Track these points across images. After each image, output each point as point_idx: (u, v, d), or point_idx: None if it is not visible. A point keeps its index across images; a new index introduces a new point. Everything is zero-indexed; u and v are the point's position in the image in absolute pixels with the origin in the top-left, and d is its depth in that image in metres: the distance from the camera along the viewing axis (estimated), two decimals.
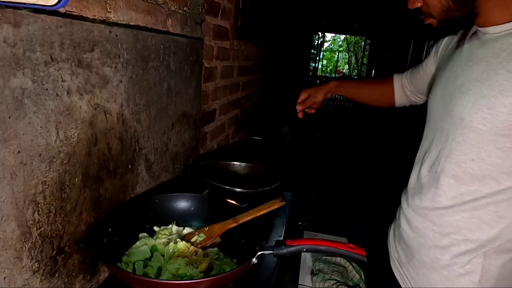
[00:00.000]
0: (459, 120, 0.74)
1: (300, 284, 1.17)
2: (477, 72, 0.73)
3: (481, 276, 0.76)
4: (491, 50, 0.72)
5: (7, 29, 0.52)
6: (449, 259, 0.79)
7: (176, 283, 0.65)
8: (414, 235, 0.87)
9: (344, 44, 17.21)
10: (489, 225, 0.74)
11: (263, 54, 2.85)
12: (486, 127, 0.70)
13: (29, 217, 0.59)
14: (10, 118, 0.54)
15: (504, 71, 0.67)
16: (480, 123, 0.70)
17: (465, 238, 0.77)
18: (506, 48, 0.69)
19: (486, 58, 0.72)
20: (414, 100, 1.14)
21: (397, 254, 0.94)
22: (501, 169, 0.71)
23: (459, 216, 0.77)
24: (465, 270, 0.77)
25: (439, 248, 0.80)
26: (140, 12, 0.92)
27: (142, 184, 0.99)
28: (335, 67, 17.78)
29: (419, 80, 1.06)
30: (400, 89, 1.15)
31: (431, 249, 0.82)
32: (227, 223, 0.85)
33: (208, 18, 1.44)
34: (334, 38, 17.76)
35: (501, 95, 0.67)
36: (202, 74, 1.40)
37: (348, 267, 1.27)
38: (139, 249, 0.80)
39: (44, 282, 0.64)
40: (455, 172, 0.76)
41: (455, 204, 0.77)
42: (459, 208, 0.77)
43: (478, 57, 0.75)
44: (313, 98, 1.19)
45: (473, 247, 0.76)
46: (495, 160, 0.71)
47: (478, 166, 0.73)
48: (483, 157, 0.72)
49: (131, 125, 0.89)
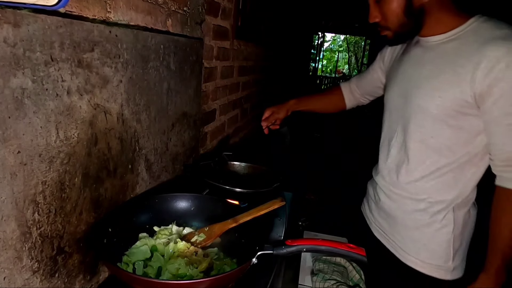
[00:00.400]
0: (418, 108, 0.95)
1: (300, 284, 1.16)
2: (427, 71, 0.94)
3: (453, 226, 0.98)
4: (434, 54, 0.94)
5: (7, 29, 0.52)
6: (428, 219, 1.00)
7: (176, 283, 0.65)
8: (395, 205, 1.06)
9: (344, 44, 17.21)
10: (451, 187, 0.96)
11: (263, 54, 2.85)
12: (439, 111, 0.91)
13: (29, 217, 0.59)
14: (10, 118, 0.54)
15: (449, 69, 0.89)
16: (434, 109, 0.91)
17: (436, 200, 0.98)
18: (447, 52, 0.91)
19: (432, 60, 0.94)
20: (362, 101, 1.40)
21: (378, 224, 1.14)
22: (452, 142, 0.93)
23: (428, 184, 0.98)
24: (441, 224, 0.98)
25: (418, 212, 1.01)
26: (140, 12, 0.92)
27: (142, 184, 0.99)
28: (335, 67, 17.78)
29: (367, 83, 1.31)
30: (349, 94, 1.39)
31: (412, 213, 1.02)
32: (227, 223, 0.85)
33: (208, 18, 1.44)
34: (334, 38, 17.77)
35: (448, 86, 0.89)
36: (202, 74, 1.40)
37: (348, 267, 1.26)
38: (139, 249, 0.80)
39: (44, 282, 0.64)
40: (420, 148, 0.98)
41: (425, 175, 0.98)
42: (428, 177, 0.98)
43: (425, 59, 0.96)
44: (276, 114, 1.34)
45: (444, 206, 0.98)
46: (447, 135, 0.93)
47: (436, 140, 0.94)
48: (439, 134, 0.93)
49: (131, 125, 0.89)
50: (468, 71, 0.85)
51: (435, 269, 1.00)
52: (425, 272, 1.01)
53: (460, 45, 0.89)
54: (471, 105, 0.87)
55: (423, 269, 1.01)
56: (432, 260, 1.00)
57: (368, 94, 1.34)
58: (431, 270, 1.00)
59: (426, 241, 1.00)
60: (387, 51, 1.20)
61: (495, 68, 0.81)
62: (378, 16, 0.96)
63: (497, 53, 0.81)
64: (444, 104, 0.89)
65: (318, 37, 10.10)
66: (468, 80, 0.85)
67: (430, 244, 1.00)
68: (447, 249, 0.98)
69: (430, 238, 1.00)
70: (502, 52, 0.80)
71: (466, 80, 0.85)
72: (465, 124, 0.90)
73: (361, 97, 1.37)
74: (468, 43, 0.87)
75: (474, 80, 0.84)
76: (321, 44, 12.09)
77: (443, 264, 0.99)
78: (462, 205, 0.98)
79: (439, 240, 0.99)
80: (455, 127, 0.91)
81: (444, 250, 0.99)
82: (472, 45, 0.86)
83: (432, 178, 0.97)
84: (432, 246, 1.00)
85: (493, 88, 0.82)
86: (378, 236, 1.14)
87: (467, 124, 0.90)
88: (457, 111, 0.89)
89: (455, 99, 0.88)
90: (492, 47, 0.82)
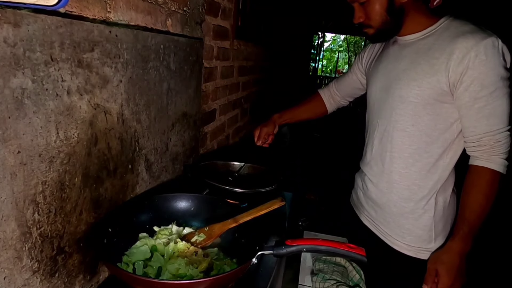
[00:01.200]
0: (399, 98, 1.04)
1: (300, 284, 1.16)
2: (405, 64, 1.04)
3: (434, 212, 1.06)
4: (411, 50, 1.04)
5: (7, 29, 0.52)
6: (413, 205, 1.08)
7: (176, 283, 0.65)
8: (381, 194, 1.14)
9: (344, 44, 17.20)
10: (431, 173, 1.05)
11: (263, 54, 2.85)
12: (418, 100, 1.00)
13: (29, 217, 0.59)
14: (10, 118, 0.54)
15: (424, 62, 0.99)
16: (414, 98, 1.01)
17: (419, 186, 1.06)
18: (421, 47, 1.02)
19: (409, 55, 1.04)
20: (343, 103, 1.48)
21: (367, 212, 1.22)
22: (432, 128, 1.01)
23: (411, 171, 1.06)
24: (424, 210, 1.07)
25: (403, 199, 1.09)
26: (140, 12, 0.92)
27: (142, 184, 0.99)
28: (335, 67, 17.77)
29: (347, 86, 1.40)
30: (330, 98, 1.47)
31: (397, 201, 1.10)
32: (227, 223, 0.85)
33: (208, 18, 1.44)
34: (334, 38, 17.75)
35: (425, 77, 0.98)
36: (202, 74, 1.40)
37: (348, 267, 1.26)
38: (139, 249, 0.80)
39: (44, 282, 0.64)
40: (402, 136, 1.06)
41: (409, 163, 1.06)
42: (412, 165, 1.06)
43: (402, 55, 1.06)
44: (265, 129, 1.37)
45: (426, 192, 1.06)
46: (427, 123, 1.01)
47: (416, 128, 1.03)
48: (419, 121, 1.02)
49: (131, 125, 0.89)
50: (442, 62, 0.95)
51: (419, 251, 1.09)
52: (410, 254, 1.10)
53: (434, 41, 0.99)
54: (447, 93, 0.96)
55: (408, 252, 1.10)
56: (416, 244, 1.09)
57: (348, 95, 1.44)
58: (416, 253, 1.09)
59: (410, 226, 1.09)
60: (364, 54, 1.31)
61: (466, 57, 0.91)
62: (362, 17, 1.05)
63: (467, 44, 0.91)
64: (422, 93, 0.99)
65: (318, 37, 10.08)
66: (443, 70, 0.94)
67: (414, 229, 1.08)
68: (430, 232, 1.07)
69: (414, 223, 1.08)
70: (471, 44, 0.90)
71: (441, 70, 0.95)
72: (442, 112, 0.99)
73: (342, 99, 1.46)
74: (441, 38, 0.98)
75: (448, 69, 0.94)
76: (321, 44, 12.07)
77: (426, 246, 1.08)
78: (442, 191, 1.07)
79: (422, 224, 1.07)
80: (433, 115, 1.00)
81: (427, 233, 1.07)
82: (445, 40, 0.96)
83: (413, 164, 1.05)
84: (416, 231, 1.08)
85: (464, 75, 0.92)
86: (367, 224, 1.22)
87: (443, 111, 0.99)
88: (435, 99, 0.98)
89: (433, 87, 0.97)
90: (462, 40, 0.92)
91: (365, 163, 1.21)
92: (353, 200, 1.32)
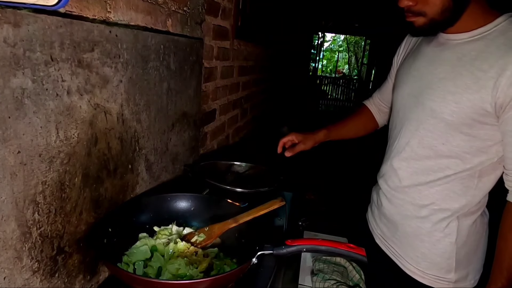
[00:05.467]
0: (429, 111, 0.87)
1: (300, 284, 1.17)
2: (443, 72, 0.86)
3: (457, 236, 0.91)
4: (453, 54, 0.85)
5: (7, 29, 0.52)
6: (430, 227, 0.93)
7: (176, 283, 0.65)
8: (396, 210, 1.00)
9: (344, 44, 17.21)
10: (458, 195, 0.89)
11: (263, 54, 2.85)
12: (454, 118, 0.83)
13: (29, 217, 0.59)
14: (10, 118, 0.54)
15: (468, 72, 0.81)
16: (449, 115, 0.83)
17: (440, 208, 0.91)
18: (466, 53, 0.82)
19: (449, 61, 0.86)
20: None
21: (380, 231, 1.07)
22: (464, 150, 0.85)
23: (434, 190, 0.91)
24: (444, 234, 0.91)
25: (419, 219, 0.94)
26: (140, 12, 0.92)
27: (142, 184, 0.99)
28: (335, 67, 17.78)
29: (390, 93, 1.15)
30: (377, 111, 1.26)
31: (413, 220, 0.96)
32: (227, 223, 0.85)
33: (208, 18, 1.44)
34: (334, 38, 17.77)
35: (466, 92, 0.80)
36: (202, 74, 1.40)
37: (348, 267, 1.27)
38: (139, 249, 0.80)
39: (44, 282, 0.64)
40: (428, 154, 0.90)
41: (430, 180, 0.91)
42: (434, 183, 0.90)
43: (441, 59, 0.88)
44: (302, 145, 1.16)
45: (448, 214, 0.90)
46: (459, 143, 0.85)
47: (447, 148, 0.87)
48: (450, 141, 0.86)
49: (131, 125, 0.89)
50: (491, 77, 0.76)
51: (436, 280, 0.94)
52: (425, 282, 0.95)
53: (484, 47, 0.80)
54: (490, 114, 0.79)
55: (423, 280, 0.95)
56: (432, 271, 0.94)
57: None
58: (432, 282, 0.94)
59: (426, 250, 0.94)
60: (399, 52, 1.11)
61: None
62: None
63: None
64: (459, 110, 0.81)
65: (318, 37, 10.09)
66: (490, 87, 0.77)
67: (431, 254, 0.94)
68: (449, 260, 0.92)
69: (430, 248, 0.93)
70: None
71: (488, 87, 0.77)
72: (481, 133, 0.83)
73: (388, 109, 1.21)
74: (494, 45, 0.78)
75: (497, 88, 0.76)
76: (321, 44, 12.09)
77: (444, 275, 0.93)
78: (469, 214, 0.90)
79: (440, 250, 0.92)
80: (470, 136, 0.83)
81: (445, 261, 0.92)
82: (499, 48, 0.77)
83: (439, 184, 0.90)
84: (432, 256, 0.93)
85: None
86: (379, 243, 1.07)
87: (482, 133, 0.82)
88: (474, 119, 0.81)
89: (473, 106, 0.80)
90: None
91: (381, 175, 1.06)
92: (368, 216, 1.18)
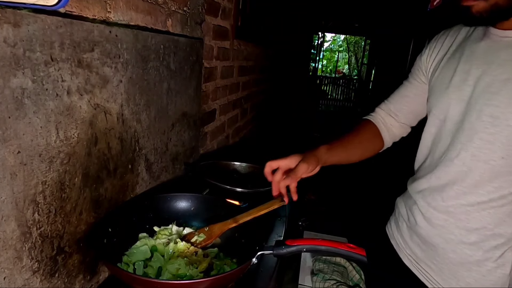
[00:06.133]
0: (489, 118, 0.74)
1: (300, 284, 1.17)
2: (506, 73, 0.73)
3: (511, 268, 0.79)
4: None
5: (7, 29, 0.52)
6: (481, 255, 0.80)
7: (176, 283, 0.65)
8: (435, 232, 0.85)
9: (344, 44, 17.20)
10: None
11: (263, 54, 2.85)
12: None
13: (29, 217, 0.59)
14: (10, 118, 0.54)
15: None
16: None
17: (493, 233, 0.78)
18: None
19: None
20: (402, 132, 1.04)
21: (410, 251, 0.93)
22: None
23: (485, 212, 0.78)
24: (497, 264, 0.79)
25: (467, 244, 0.81)
26: (140, 12, 0.92)
27: (142, 184, 0.99)
28: (335, 67, 17.78)
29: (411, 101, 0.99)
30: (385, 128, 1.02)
31: (459, 245, 0.82)
32: (227, 223, 0.85)
33: (208, 18, 1.44)
34: (334, 38, 17.76)
35: None
36: (202, 74, 1.40)
37: (348, 267, 1.27)
38: (139, 249, 0.80)
39: (44, 282, 0.64)
40: (483, 170, 0.77)
41: (482, 201, 0.78)
42: (487, 204, 0.77)
43: (501, 58, 0.75)
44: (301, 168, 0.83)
45: (503, 241, 0.78)
46: None
47: (506, 163, 0.74)
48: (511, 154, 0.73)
49: (131, 125, 0.89)
50: None
51: None
52: None
53: None
54: None
55: None
56: None
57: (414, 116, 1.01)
58: None
59: (473, 281, 0.81)
60: (430, 52, 0.94)
61: None
62: None
63: None
64: None
65: (318, 37, 10.09)
66: None
67: (478, 286, 0.81)
68: None
69: (479, 279, 0.80)
70: None
71: None
72: None
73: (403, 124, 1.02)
74: None
75: None
76: (321, 44, 12.08)
77: None
78: None
79: (490, 282, 0.80)
80: None
81: None
82: None
83: (492, 206, 0.77)
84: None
85: None
86: (407, 264, 0.94)
87: None
88: None
89: None
90: None
91: (418, 188, 0.91)
92: (391, 231, 1.02)
